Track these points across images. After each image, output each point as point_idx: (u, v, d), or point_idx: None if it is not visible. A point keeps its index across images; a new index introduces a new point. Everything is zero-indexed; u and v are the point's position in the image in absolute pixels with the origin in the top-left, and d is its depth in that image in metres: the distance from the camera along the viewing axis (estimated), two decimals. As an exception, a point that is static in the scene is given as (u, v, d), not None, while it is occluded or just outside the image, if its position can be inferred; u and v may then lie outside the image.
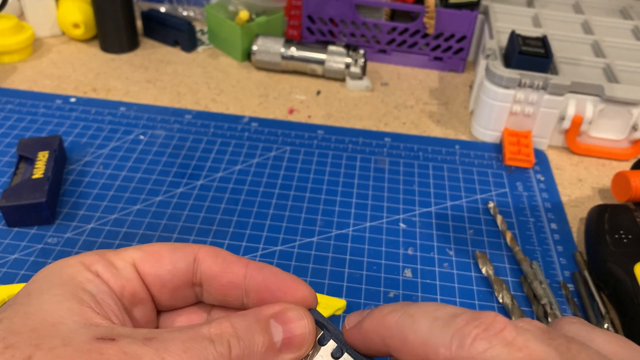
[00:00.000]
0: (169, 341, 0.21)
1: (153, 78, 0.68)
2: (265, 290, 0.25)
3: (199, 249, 0.26)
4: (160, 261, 0.25)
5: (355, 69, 0.68)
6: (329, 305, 0.38)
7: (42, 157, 0.49)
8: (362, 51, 0.68)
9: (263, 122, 0.61)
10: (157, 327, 0.27)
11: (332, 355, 0.24)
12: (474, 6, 0.69)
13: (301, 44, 0.69)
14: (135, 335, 0.21)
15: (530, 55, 0.56)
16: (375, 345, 0.22)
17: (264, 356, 0.22)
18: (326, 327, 0.25)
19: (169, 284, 0.25)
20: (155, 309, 0.26)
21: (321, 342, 0.25)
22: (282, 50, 0.68)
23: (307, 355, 0.24)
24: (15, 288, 0.40)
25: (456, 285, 0.44)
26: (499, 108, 0.58)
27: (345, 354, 0.24)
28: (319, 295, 0.37)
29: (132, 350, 0.20)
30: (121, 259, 0.25)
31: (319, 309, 0.33)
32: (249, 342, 0.22)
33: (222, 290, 0.26)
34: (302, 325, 0.23)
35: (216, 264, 0.25)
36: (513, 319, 0.28)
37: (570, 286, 0.44)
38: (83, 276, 0.23)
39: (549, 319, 0.41)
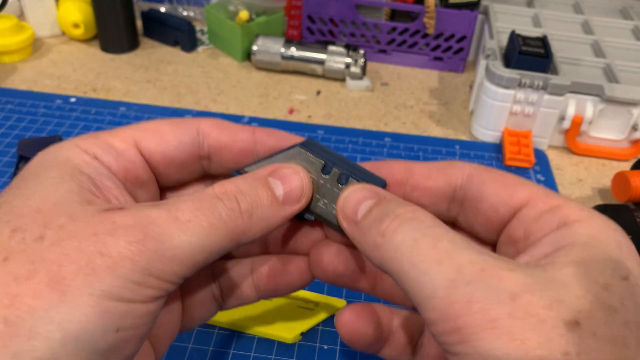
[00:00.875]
0: (179, 202, 0.21)
1: (153, 78, 0.68)
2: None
3: (199, 122, 0.25)
4: (164, 138, 0.25)
5: (355, 69, 0.68)
6: (329, 305, 0.38)
7: (42, 157, 0.49)
8: (362, 51, 0.68)
9: (263, 122, 0.61)
10: None
11: (339, 182, 0.25)
12: (474, 6, 0.69)
13: (301, 44, 0.69)
14: (142, 204, 0.21)
15: (530, 55, 0.56)
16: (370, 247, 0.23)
17: (270, 209, 0.23)
18: (329, 157, 0.25)
19: (176, 160, 0.25)
20: (159, 188, 0.26)
21: (326, 172, 0.25)
22: (282, 50, 0.68)
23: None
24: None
25: (456, 285, 0.44)
26: (499, 108, 0.58)
27: (351, 178, 0.25)
28: (318, 296, 0.37)
29: (144, 214, 0.20)
30: (121, 140, 0.24)
31: (318, 309, 0.34)
32: (254, 196, 0.23)
33: (233, 159, 0.26)
34: (298, 178, 0.24)
35: (224, 135, 0.25)
36: None
37: (571, 286, 0.44)
38: (80, 158, 0.22)
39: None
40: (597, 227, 0.21)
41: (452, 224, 0.26)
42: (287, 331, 0.37)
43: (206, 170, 0.27)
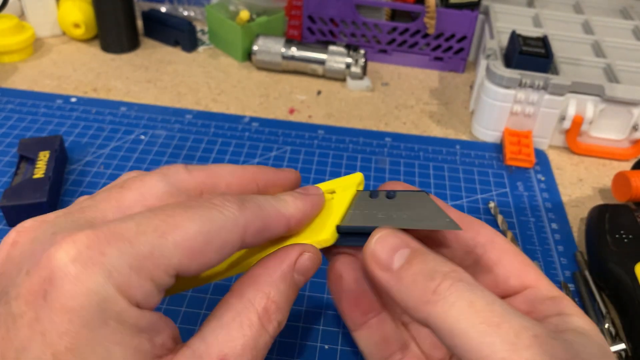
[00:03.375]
0: (219, 343, 0.22)
1: (153, 78, 0.68)
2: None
3: (244, 230, 0.24)
4: (208, 260, 0.23)
5: (355, 69, 0.68)
6: (348, 183, 0.31)
7: (43, 157, 0.49)
8: (362, 51, 0.68)
9: (264, 122, 0.61)
10: None
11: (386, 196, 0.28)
12: (474, 6, 0.69)
13: (302, 44, 0.69)
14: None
15: (530, 55, 0.56)
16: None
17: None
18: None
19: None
20: None
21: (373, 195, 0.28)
22: (283, 50, 0.68)
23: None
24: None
25: (457, 285, 0.44)
26: (499, 108, 0.58)
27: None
28: (335, 181, 0.33)
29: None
30: (165, 271, 0.21)
31: (339, 191, 0.31)
32: (284, 303, 0.25)
33: (269, 239, 0.28)
34: (315, 263, 0.27)
35: (263, 238, 0.26)
36: None
37: (571, 286, 0.44)
38: (131, 313, 0.21)
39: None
40: (589, 323, 0.24)
41: None
42: (318, 232, 0.28)
43: None
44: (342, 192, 0.30)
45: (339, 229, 0.27)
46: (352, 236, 0.27)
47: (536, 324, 0.22)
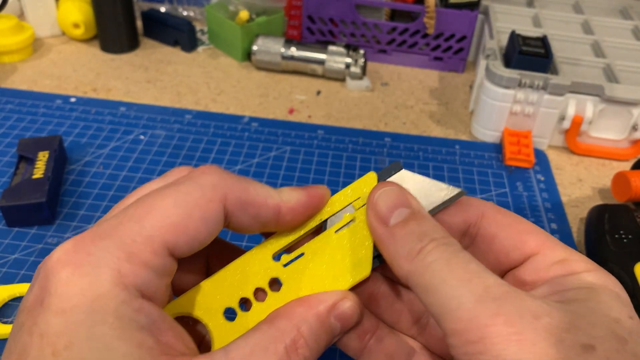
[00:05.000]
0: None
1: (153, 78, 0.68)
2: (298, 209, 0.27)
3: (221, 198, 0.24)
4: (196, 238, 0.23)
5: (355, 69, 0.68)
6: (365, 183, 0.28)
7: (42, 157, 0.49)
8: (362, 51, 0.68)
9: (263, 122, 0.61)
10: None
11: None
12: (474, 6, 0.69)
13: (301, 44, 0.69)
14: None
15: (530, 55, 0.56)
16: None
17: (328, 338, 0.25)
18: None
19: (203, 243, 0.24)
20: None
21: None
22: (282, 50, 0.68)
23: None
24: (15, 288, 0.40)
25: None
26: (499, 108, 0.58)
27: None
28: (348, 188, 0.31)
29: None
30: (151, 252, 0.22)
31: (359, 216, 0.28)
32: (313, 342, 0.24)
33: (259, 220, 0.26)
34: (355, 314, 0.25)
35: (250, 216, 0.25)
36: None
37: (571, 286, 0.44)
38: (130, 307, 0.21)
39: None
40: (602, 277, 0.23)
41: None
42: (356, 266, 0.26)
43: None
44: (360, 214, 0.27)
45: (375, 262, 0.26)
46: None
47: (511, 285, 0.21)
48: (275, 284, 0.26)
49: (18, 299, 0.40)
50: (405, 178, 0.26)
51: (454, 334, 0.20)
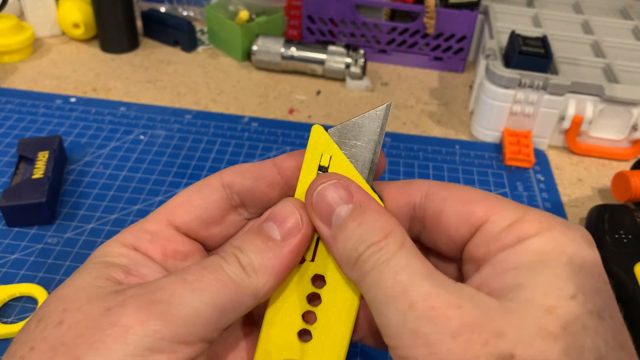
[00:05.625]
0: (188, 267, 0.22)
1: (153, 78, 0.68)
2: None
3: (220, 175, 0.26)
4: (192, 204, 0.25)
5: (355, 69, 0.68)
6: (318, 140, 0.27)
7: (42, 157, 0.49)
8: (362, 51, 0.68)
9: (263, 122, 0.61)
10: None
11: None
12: (474, 6, 0.69)
13: (301, 44, 0.69)
14: (160, 277, 0.22)
15: (530, 55, 0.56)
16: None
17: (270, 253, 0.23)
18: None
19: (212, 220, 0.26)
20: (208, 251, 0.27)
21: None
22: (282, 50, 0.68)
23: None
24: (15, 288, 0.40)
25: (456, 285, 0.44)
26: (499, 108, 0.58)
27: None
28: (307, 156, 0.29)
29: (154, 282, 0.21)
30: (153, 222, 0.25)
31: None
32: (250, 247, 0.23)
33: (264, 197, 0.26)
34: (292, 215, 0.24)
35: (246, 179, 0.26)
36: None
37: (570, 286, 0.44)
38: (115, 252, 0.24)
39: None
40: (552, 241, 0.21)
41: (416, 241, 0.26)
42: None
43: (247, 217, 0.27)
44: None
45: None
46: None
47: (444, 289, 0.20)
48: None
49: (18, 299, 0.40)
50: (341, 129, 0.26)
51: (389, 348, 0.21)
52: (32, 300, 0.40)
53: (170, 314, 0.20)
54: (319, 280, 0.25)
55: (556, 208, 0.52)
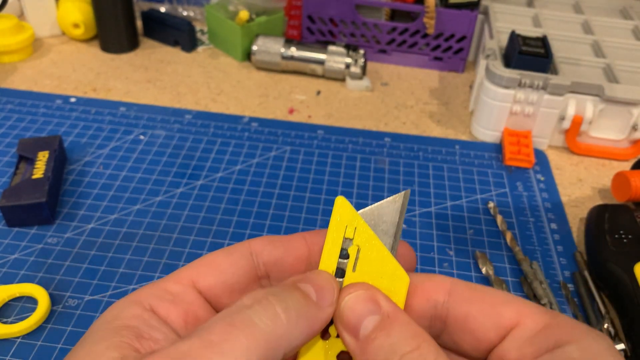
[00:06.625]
0: (211, 324, 0.20)
1: (153, 78, 0.68)
2: None
3: (250, 243, 0.25)
4: (220, 268, 0.24)
5: (355, 69, 0.68)
6: (341, 210, 0.26)
7: (42, 157, 0.49)
8: (362, 51, 0.68)
9: (263, 122, 0.61)
10: None
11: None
12: (474, 6, 0.69)
13: (301, 44, 0.69)
14: (178, 340, 0.20)
15: (530, 55, 0.56)
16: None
17: (308, 307, 0.22)
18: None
19: (237, 287, 0.25)
20: None
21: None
22: (282, 50, 0.68)
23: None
24: (15, 288, 0.40)
25: (456, 285, 0.44)
26: (499, 108, 0.58)
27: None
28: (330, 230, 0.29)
29: (175, 349, 0.19)
30: (177, 282, 0.24)
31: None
32: (288, 296, 0.22)
33: (291, 269, 0.25)
34: (327, 281, 0.23)
35: (276, 249, 0.25)
36: None
37: (570, 286, 0.44)
38: (131, 313, 0.22)
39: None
40: (590, 349, 0.21)
41: (435, 340, 0.25)
42: None
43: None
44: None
45: None
46: None
47: None
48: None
49: (18, 299, 0.40)
50: (362, 214, 0.25)
51: None
52: (32, 300, 0.40)
53: None
54: (346, 355, 0.24)
55: (556, 208, 0.52)
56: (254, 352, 0.19)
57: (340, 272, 0.25)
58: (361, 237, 0.25)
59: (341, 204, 0.25)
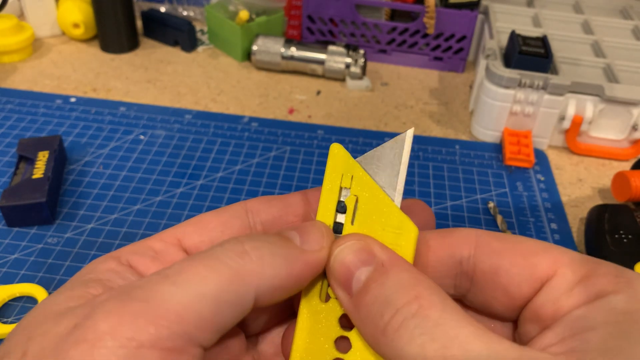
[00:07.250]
0: (174, 264, 0.19)
1: (153, 78, 0.68)
2: None
3: (245, 203, 0.24)
4: (207, 227, 0.23)
5: (355, 69, 0.68)
6: (337, 159, 0.24)
7: (42, 157, 0.49)
8: (362, 51, 0.68)
9: (263, 122, 0.61)
10: None
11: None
12: (474, 6, 0.69)
13: (301, 44, 0.69)
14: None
15: (530, 55, 0.56)
16: None
17: (286, 249, 0.20)
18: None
19: None
20: None
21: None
22: (282, 50, 0.68)
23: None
24: (15, 288, 0.40)
25: (456, 285, 0.44)
26: (499, 108, 0.58)
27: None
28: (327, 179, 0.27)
29: (128, 284, 0.18)
30: (161, 240, 0.22)
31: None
32: (259, 237, 0.20)
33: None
34: (318, 232, 0.21)
35: (274, 205, 0.24)
36: None
37: (571, 286, 0.44)
38: (104, 267, 0.21)
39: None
40: (636, 300, 0.18)
41: (460, 301, 0.23)
42: None
43: None
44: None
45: None
46: None
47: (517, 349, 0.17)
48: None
49: (18, 299, 0.40)
50: (361, 160, 0.23)
51: None
52: (32, 300, 0.40)
53: (148, 313, 0.17)
54: (346, 319, 0.22)
55: (556, 208, 0.52)
56: (213, 283, 0.18)
57: (340, 228, 0.23)
58: (359, 185, 0.22)
59: (337, 151, 0.23)
